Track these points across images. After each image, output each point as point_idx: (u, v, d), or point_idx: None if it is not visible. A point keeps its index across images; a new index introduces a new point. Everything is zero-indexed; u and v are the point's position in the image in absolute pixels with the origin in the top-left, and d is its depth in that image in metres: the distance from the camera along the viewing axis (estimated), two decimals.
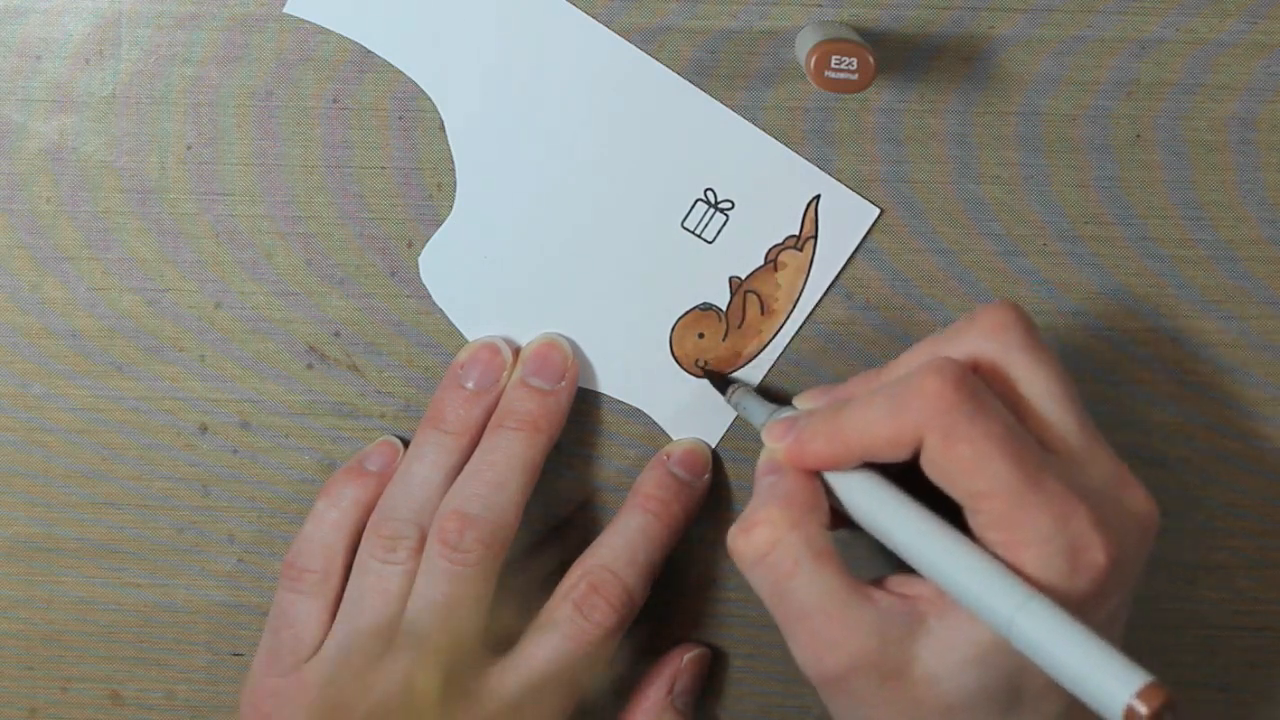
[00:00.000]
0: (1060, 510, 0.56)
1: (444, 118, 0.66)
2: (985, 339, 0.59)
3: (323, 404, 0.68)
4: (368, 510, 0.66)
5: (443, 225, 0.67)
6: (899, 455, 0.58)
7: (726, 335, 0.67)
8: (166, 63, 0.66)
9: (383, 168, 0.66)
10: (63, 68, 0.65)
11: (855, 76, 0.61)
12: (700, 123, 0.66)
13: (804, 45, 0.62)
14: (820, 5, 0.65)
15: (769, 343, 0.67)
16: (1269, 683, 0.71)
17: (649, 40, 0.65)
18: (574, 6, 0.65)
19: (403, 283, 0.67)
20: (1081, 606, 0.56)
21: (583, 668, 0.64)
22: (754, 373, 0.68)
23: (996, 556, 0.56)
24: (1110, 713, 0.53)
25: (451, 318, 0.67)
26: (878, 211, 0.66)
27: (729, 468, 0.69)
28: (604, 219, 0.66)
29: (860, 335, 0.68)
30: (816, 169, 0.66)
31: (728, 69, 0.66)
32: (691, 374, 0.68)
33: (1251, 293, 0.68)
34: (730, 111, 0.66)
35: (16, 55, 0.65)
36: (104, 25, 0.65)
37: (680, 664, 0.69)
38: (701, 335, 0.67)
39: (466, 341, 0.67)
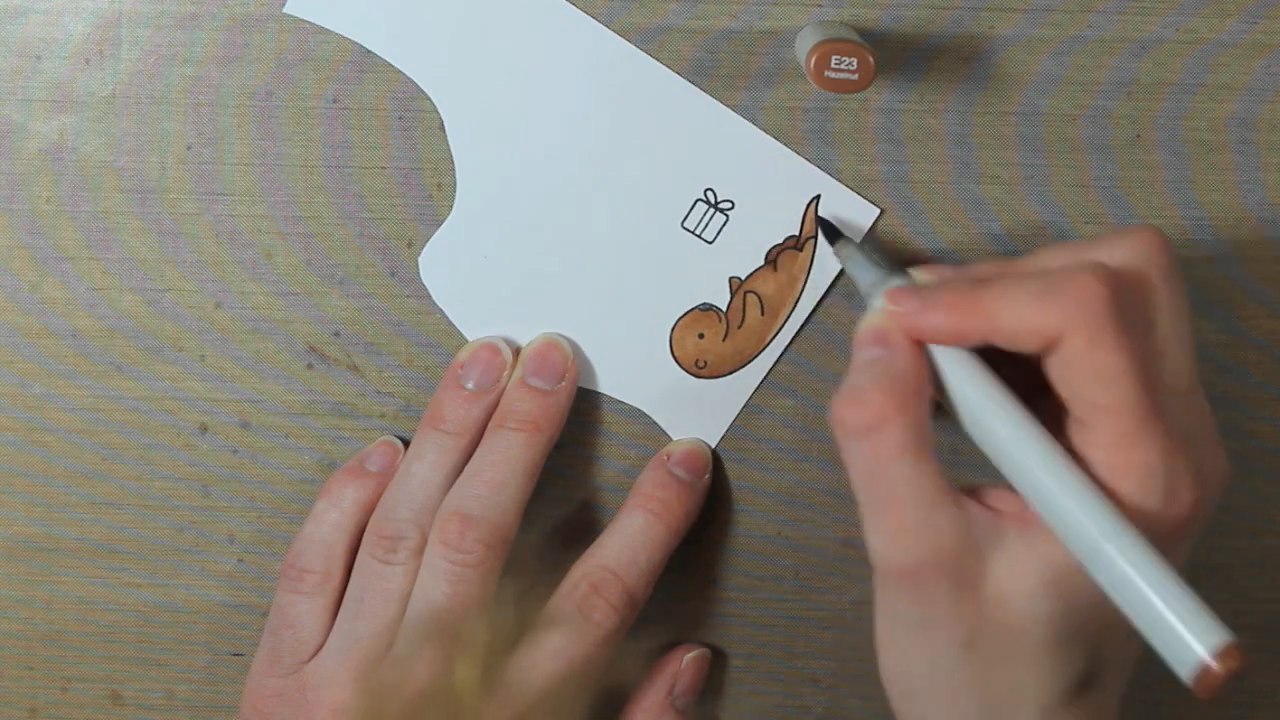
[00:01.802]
0: (1169, 446, 0.56)
1: (444, 118, 0.66)
2: (1135, 254, 0.58)
3: (323, 404, 0.68)
4: (368, 510, 0.66)
5: (443, 225, 0.67)
6: (1029, 346, 0.57)
7: (727, 335, 0.67)
8: (166, 63, 0.66)
9: (383, 168, 0.66)
10: (63, 68, 0.65)
11: (855, 76, 0.61)
12: (700, 123, 0.66)
13: (804, 45, 0.62)
14: (820, 5, 0.65)
15: (770, 343, 0.67)
16: (1269, 683, 0.71)
17: (649, 40, 0.65)
18: (574, 6, 0.65)
19: (403, 283, 0.67)
20: (1161, 547, 0.55)
21: (584, 669, 0.64)
22: (754, 374, 0.68)
23: (1095, 479, 0.56)
24: (1183, 665, 0.52)
25: (451, 318, 0.67)
26: (878, 211, 0.66)
27: (729, 468, 0.69)
28: (604, 219, 0.66)
29: None
30: (816, 169, 0.66)
31: (728, 69, 0.66)
32: (691, 374, 0.68)
33: (1251, 293, 0.68)
34: (730, 111, 0.66)
35: (16, 55, 0.65)
36: (104, 25, 0.65)
37: (680, 664, 0.69)
38: (702, 335, 0.67)
39: (466, 341, 0.67)
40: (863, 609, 0.69)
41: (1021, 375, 0.58)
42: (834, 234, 0.66)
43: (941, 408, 0.59)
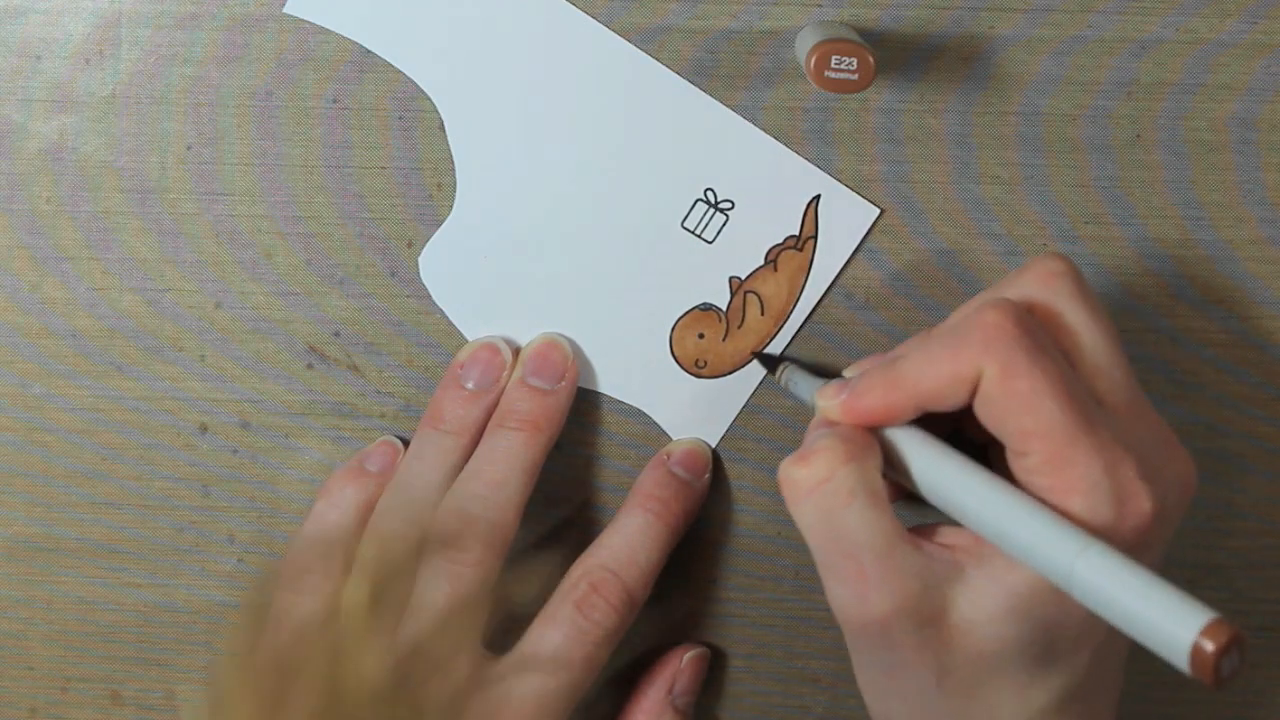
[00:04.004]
0: (1109, 457, 0.56)
1: (444, 118, 0.66)
2: (1038, 286, 0.59)
3: (323, 404, 0.68)
4: (367, 510, 0.66)
5: (443, 225, 0.67)
6: (957, 397, 0.57)
7: (727, 335, 0.67)
8: (166, 63, 0.66)
9: (383, 168, 0.66)
10: (63, 68, 0.65)
11: (855, 76, 0.61)
12: (700, 123, 0.66)
13: (804, 45, 0.62)
14: (820, 5, 0.65)
15: (769, 343, 0.67)
16: (1269, 683, 0.71)
17: (649, 40, 0.65)
18: (574, 6, 0.65)
19: (403, 283, 0.67)
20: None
21: (583, 668, 0.64)
22: (754, 374, 0.68)
23: (1046, 503, 0.56)
24: (1176, 654, 0.52)
25: (451, 318, 0.67)
26: (878, 211, 0.66)
27: (729, 468, 0.69)
28: (604, 219, 0.66)
29: (860, 335, 0.68)
30: (816, 169, 0.66)
31: (728, 69, 0.66)
32: (691, 374, 0.68)
33: (1251, 293, 0.68)
34: (730, 111, 0.66)
35: (16, 55, 0.65)
36: (104, 25, 0.65)
37: (680, 664, 0.69)
38: (701, 335, 0.67)
39: (466, 341, 0.67)
40: None
41: (974, 435, 0.59)
42: (772, 362, 0.66)
43: (908, 492, 0.60)
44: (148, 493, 0.69)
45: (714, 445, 0.68)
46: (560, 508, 0.69)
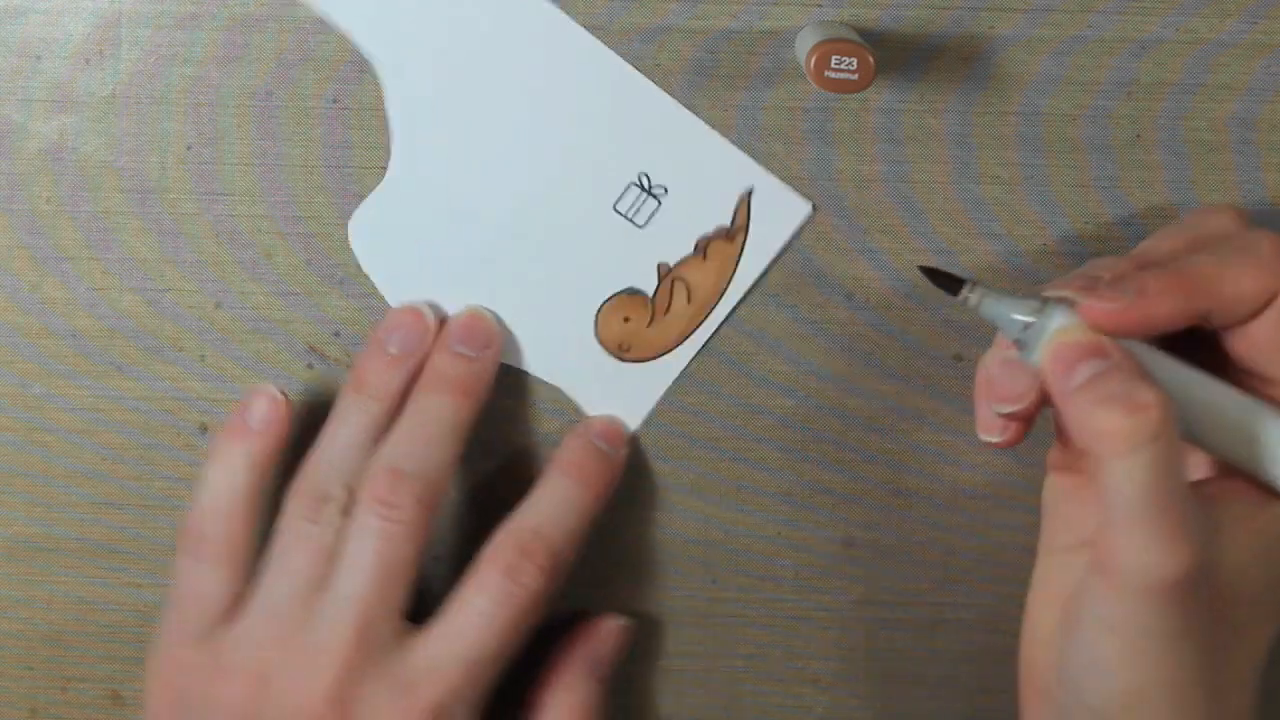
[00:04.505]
0: None
1: (384, 86, 0.65)
2: (1242, 224, 0.60)
3: (323, 404, 0.68)
4: (261, 469, 0.65)
5: (374, 192, 0.66)
6: (1244, 311, 0.57)
7: (652, 321, 0.67)
8: (166, 63, 0.66)
9: (382, 168, 0.66)
10: (63, 68, 0.66)
11: (855, 76, 0.61)
12: (640, 107, 0.65)
13: (804, 45, 0.62)
14: (820, 5, 0.65)
15: (693, 332, 0.67)
16: (1269, 683, 0.71)
17: (649, 40, 0.65)
18: None
19: None
20: None
21: (511, 633, 0.63)
22: (677, 362, 0.67)
23: None
24: None
25: (377, 284, 0.67)
26: (810, 207, 0.66)
27: (729, 468, 0.69)
28: (537, 196, 0.66)
29: (860, 335, 0.67)
30: (752, 161, 0.66)
31: (728, 69, 0.66)
32: (615, 356, 0.67)
33: None
34: (670, 98, 0.65)
35: (16, 55, 0.66)
36: (104, 25, 0.65)
37: (601, 633, 0.68)
38: (627, 319, 0.67)
39: (390, 308, 0.67)
40: (863, 609, 0.69)
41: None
42: (954, 282, 0.60)
43: None
44: (148, 493, 0.69)
45: (633, 429, 0.68)
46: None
